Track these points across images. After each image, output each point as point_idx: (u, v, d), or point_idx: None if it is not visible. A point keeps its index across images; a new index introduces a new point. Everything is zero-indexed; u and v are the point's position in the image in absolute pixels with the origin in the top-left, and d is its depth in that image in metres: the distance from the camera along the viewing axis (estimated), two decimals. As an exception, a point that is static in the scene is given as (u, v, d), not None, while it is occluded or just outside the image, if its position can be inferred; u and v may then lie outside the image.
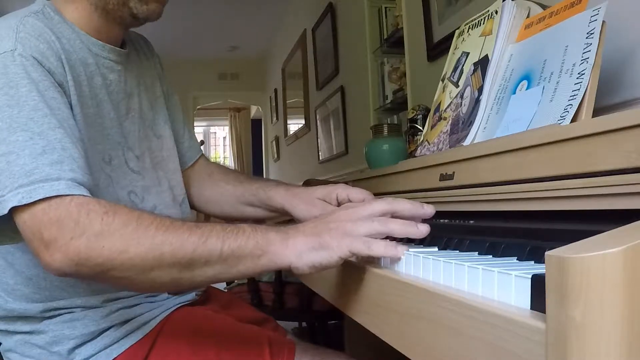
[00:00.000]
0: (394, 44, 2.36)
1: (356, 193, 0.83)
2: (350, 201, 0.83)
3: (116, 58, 0.86)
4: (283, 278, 1.92)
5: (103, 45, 0.84)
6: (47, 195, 0.63)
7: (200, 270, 0.63)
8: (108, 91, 0.84)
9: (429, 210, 0.65)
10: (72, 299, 0.81)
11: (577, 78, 0.72)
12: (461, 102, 0.99)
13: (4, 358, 0.86)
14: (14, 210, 0.64)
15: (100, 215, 0.62)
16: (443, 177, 0.86)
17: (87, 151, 0.75)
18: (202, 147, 1.16)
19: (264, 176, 6.83)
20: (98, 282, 0.72)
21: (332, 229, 0.60)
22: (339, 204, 0.85)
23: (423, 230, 0.61)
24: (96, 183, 0.77)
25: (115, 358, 0.80)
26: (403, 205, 0.63)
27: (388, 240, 0.60)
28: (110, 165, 0.83)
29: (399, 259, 0.58)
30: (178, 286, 0.72)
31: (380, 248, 0.58)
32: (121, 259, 0.61)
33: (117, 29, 0.86)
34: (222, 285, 2.22)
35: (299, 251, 0.60)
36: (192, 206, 1.06)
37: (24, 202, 0.63)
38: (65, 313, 0.81)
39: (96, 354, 0.80)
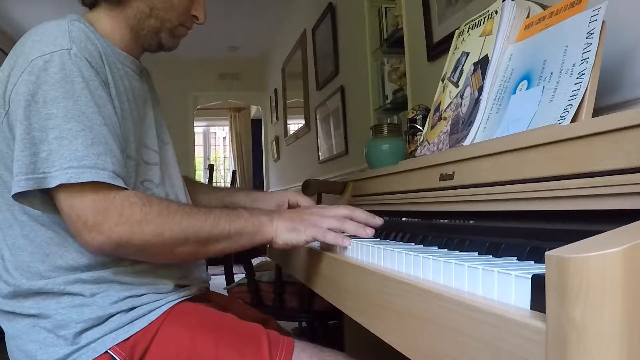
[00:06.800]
0: (394, 44, 2.36)
1: (303, 201, 1.10)
2: (299, 206, 1.08)
3: (136, 69, 0.97)
4: (283, 278, 1.92)
5: (127, 56, 0.94)
6: (94, 180, 0.74)
7: (212, 246, 0.82)
8: (133, 94, 0.93)
9: (379, 221, 0.85)
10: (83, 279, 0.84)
11: (577, 78, 0.72)
12: (461, 102, 0.99)
13: (7, 347, 0.86)
14: (60, 191, 0.75)
15: (139, 207, 0.77)
16: (443, 177, 0.87)
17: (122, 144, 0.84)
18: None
19: (264, 177, 6.88)
20: (132, 257, 0.84)
21: (304, 220, 0.83)
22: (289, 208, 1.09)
23: (369, 232, 0.82)
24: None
25: (119, 343, 0.82)
26: (359, 214, 0.85)
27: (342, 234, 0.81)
28: (130, 158, 0.88)
29: (346, 247, 0.78)
30: (194, 257, 0.93)
31: (331, 237, 0.80)
32: (156, 240, 0.78)
33: (139, 50, 0.98)
34: (222, 285, 2.22)
35: (279, 231, 0.83)
36: None
37: (72, 181, 0.73)
38: (76, 294, 0.83)
39: (101, 337, 0.82)
